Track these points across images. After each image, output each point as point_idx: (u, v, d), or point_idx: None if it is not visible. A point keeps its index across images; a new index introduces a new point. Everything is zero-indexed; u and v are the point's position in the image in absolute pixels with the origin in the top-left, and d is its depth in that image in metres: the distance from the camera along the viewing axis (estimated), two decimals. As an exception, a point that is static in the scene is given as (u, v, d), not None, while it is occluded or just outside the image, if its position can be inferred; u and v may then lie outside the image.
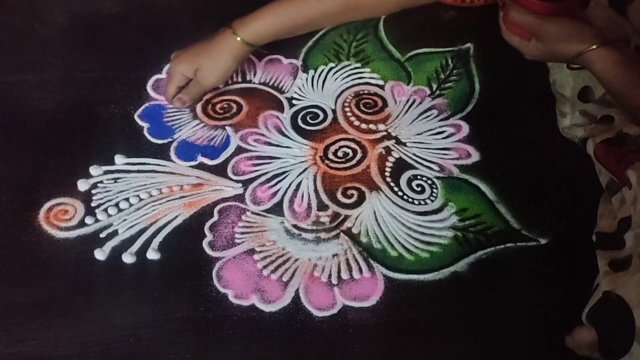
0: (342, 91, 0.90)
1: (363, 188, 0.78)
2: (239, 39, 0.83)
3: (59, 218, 0.74)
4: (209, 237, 0.73)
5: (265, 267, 0.71)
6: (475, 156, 0.82)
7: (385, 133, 0.85)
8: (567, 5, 0.69)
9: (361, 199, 0.77)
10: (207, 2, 1.03)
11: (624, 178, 0.64)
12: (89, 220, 0.74)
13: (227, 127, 0.85)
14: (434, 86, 0.90)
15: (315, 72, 0.92)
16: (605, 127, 0.73)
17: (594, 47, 0.66)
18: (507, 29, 0.74)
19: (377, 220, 0.75)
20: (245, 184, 0.79)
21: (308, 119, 0.86)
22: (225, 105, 0.88)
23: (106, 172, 0.79)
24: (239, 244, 0.73)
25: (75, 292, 0.68)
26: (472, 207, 0.76)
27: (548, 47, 0.70)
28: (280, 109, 0.88)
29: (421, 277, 0.70)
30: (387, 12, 0.96)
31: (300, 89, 0.90)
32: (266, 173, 0.80)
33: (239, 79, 0.91)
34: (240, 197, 0.77)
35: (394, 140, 0.84)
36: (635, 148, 0.66)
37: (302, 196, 0.78)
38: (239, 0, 1.02)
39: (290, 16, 0.86)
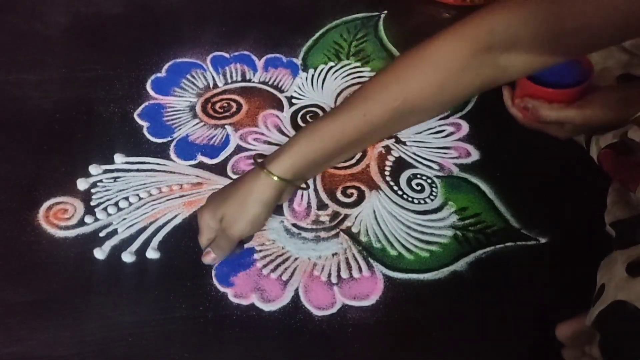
0: (342, 90, 0.90)
1: (363, 187, 0.78)
2: (275, 178, 0.65)
3: (59, 217, 0.74)
4: (208, 236, 0.73)
5: (264, 266, 0.71)
6: (475, 155, 0.82)
7: (385, 132, 0.85)
8: (588, 85, 0.68)
9: (361, 198, 0.77)
10: (207, 2, 1.03)
11: (633, 186, 0.63)
12: (88, 219, 0.74)
13: (226, 126, 0.85)
14: (434, 85, 0.90)
15: (315, 71, 0.92)
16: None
17: None
18: (534, 124, 0.72)
19: (376, 219, 0.75)
20: (245, 183, 0.79)
21: (308, 118, 0.86)
22: (225, 104, 0.88)
23: (106, 171, 0.79)
24: (238, 243, 0.73)
25: (74, 291, 0.68)
26: (472, 206, 0.76)
27: (590, 126, 0.69)
28: (280, 108, 0.88)
29: (421, 276, 0.70)
30: (442, 110, 0.82)
31: (300, 88, 0.90)
32: (266, 172, 0.80)
33: (239, 78, 0.91)
34: (239, 196, 0.77)
35: (393, 139, 0.84)
36: None
37: (302, 195, 0.77)
38: (239, 1, 1.03)
39: (332, 135, 0.65)
